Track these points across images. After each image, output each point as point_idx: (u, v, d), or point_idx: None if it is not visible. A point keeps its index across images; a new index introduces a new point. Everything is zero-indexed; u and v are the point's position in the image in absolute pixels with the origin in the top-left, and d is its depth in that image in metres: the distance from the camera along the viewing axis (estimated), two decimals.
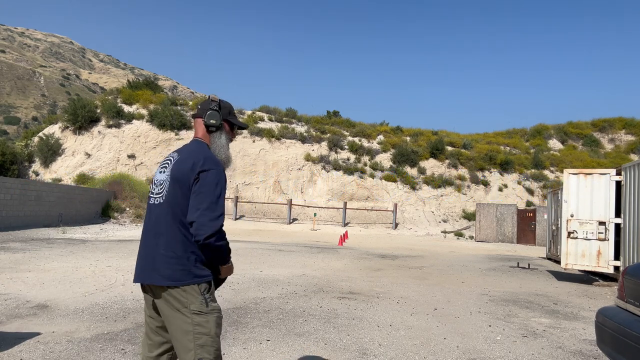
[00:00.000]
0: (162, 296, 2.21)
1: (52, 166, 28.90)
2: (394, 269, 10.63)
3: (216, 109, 2.44)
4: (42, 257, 9.57)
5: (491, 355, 4.43)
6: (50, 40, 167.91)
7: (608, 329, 3.35)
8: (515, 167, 32.19)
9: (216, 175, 2.22)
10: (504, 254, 16.47)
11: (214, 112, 2.43)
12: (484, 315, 6.17)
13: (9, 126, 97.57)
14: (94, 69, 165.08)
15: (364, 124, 36.75)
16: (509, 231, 24.20)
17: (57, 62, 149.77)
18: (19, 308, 5.40)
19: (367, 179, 30.14)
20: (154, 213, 2.30)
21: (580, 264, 9.67)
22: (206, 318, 2.18)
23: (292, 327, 5.09)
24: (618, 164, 25.27)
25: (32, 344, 4.14)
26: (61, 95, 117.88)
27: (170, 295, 2.19)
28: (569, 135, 39.82)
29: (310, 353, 4.25)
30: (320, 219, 27.30)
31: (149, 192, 2.41)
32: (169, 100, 34.25)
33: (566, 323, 5.96)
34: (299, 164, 30.45)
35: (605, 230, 9.45)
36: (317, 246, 15.82)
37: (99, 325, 4.84)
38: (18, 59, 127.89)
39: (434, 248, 17.66)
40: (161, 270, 2.19)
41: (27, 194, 17.53)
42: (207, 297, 2.21)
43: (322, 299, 6.70)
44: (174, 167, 2.29)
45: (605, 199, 9.50)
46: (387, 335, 4.96)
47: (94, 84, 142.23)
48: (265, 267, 9.74)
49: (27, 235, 14.33)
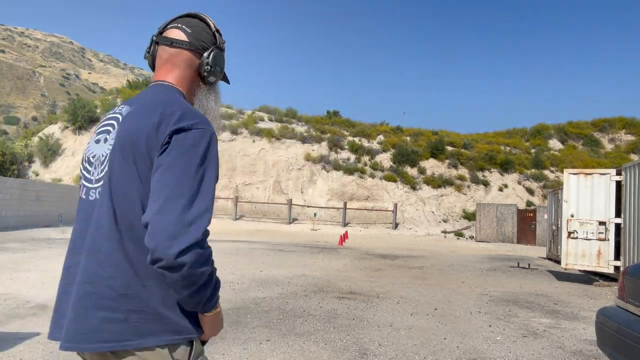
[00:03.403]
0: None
1: (52, 166, 28.91)
2: (394, 269, 10.63)
3: (222, 46, 1.48)
4: (42, 257, 9.56)
5: (491, 355, 4.43)
6: (50, 40, 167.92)
7: (608, 329, 3.35)
8: (516, 167, 32.19)
9: (202, 140, 1.22)
10: (504, 254, 16.47)
11: (220, 53, 1.46)
12: (484, 315, 6.17)
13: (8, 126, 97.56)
14: (94, 69, 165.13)
15: (364, 124, 36.76)
16: (509, 231, 24.19)
17: (57, 62, 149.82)
18: (19, 308, 5.40)
19: (367, 179, 30.13)
20: (88, 216, 1.29)
21: (581, 264, 9.67)
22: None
23: (292, 327, 5.09)
24: (618, 164, 25.25)
25: (32, 344, 4.14)
26: (61, 95, 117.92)
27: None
28: (569, 135, 39.81)
29: (310, 353, 4.24)
30: (320, 219, 27.30)
31: (80, 178, 1.36)
32: None
33: (566, 323, 5.95)
34: (299, 164, 30.45)
35: (606, 230, 9.45)
36: (317, 246, 15.82)
37: None
38: (18, 59, 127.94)
39: (434, 248, 17.66)
40: (100, 324, 1.18)
41: (27, 194, 17.53)
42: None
43: (322, 299, 6.70)
44: (121, 128, 1.28)
45: (606, 199, 9.50)
46: (387, 335, 4.96)
47: (94, 84, 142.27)
48: (265, 267, 9.74)
49: (27, 235, 14.33)
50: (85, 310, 1.19)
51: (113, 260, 1.21)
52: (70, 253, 1.31)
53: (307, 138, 32.32)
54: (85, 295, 1.20)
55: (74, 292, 1.23)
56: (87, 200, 1.31)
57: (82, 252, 1.25)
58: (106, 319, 1.18)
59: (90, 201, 1.29)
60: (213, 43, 1.45)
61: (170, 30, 1.42)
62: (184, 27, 1.41)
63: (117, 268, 1.20)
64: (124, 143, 1.24)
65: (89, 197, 1.30)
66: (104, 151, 1.29)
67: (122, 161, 1.24)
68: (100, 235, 1.23)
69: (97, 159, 1.31)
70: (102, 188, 1.26)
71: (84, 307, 1.20)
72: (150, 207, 1.14)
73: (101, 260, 1.21)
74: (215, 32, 1.46)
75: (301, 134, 32.39)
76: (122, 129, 1.27)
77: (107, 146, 1.29)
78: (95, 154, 1.32)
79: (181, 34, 1.41)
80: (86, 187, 1.32)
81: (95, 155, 1.32)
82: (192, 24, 1.43)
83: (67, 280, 1.28)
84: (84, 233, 1.27)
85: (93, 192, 1.29)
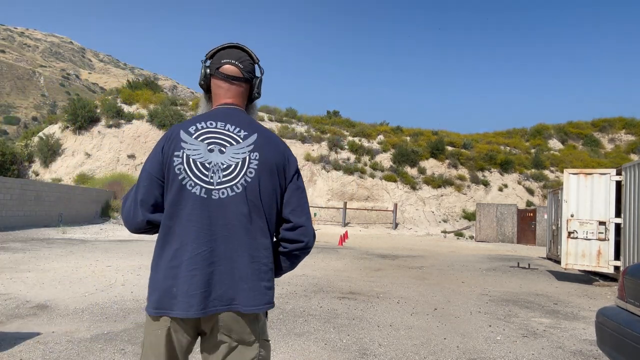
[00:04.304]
0: (226, 328, 1.61)
1: (52, 166, 28.91)
2: (394, 269, 10.63)
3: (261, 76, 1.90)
4: (42, 257, 9.57)
5: (491, 355, 4.43)
6: (50, 40, 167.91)
7: (608, 329, 3.35)
8: (515, 167, 32.20)
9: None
10: (504, 254, 16.47)
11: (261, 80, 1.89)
12: (484, 315, 6.17)
13: (9, 126, 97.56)
14: (94, 69, 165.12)
15: (364, 124, 36.78)
16: (509, 231, 24.19)
17: (57, 62, 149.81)
18: (19, 308, 5.40)
19: (367, 179, 30.13)
20: (219, 208, 1.63)
21: (581, 264, 9.67)
22: (268, 348, 1.70)
23: (292, 327, 5.09)
24: (618, 164, 25.26)
25: (32, 344, 4.14)
26: (61, 95, 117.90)
27: (242, 324, 1.61)
28: (569, 135, 39.83)
29: (310, 353, 4.24)
30: (320, 219, 27.30)
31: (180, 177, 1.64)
32: (168, 100, 34.27)
33: (566, 323, 5.95)
34: (299, 164, 30.44)
35: (606, 230, 9.45)
36: (317, 246, 15.82)
37: (99, 325, 4.83)
38: (18, 59, 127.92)
39: (434, 248, 17.66)
40: (253, 290, 1.61)
41: (27, 194, 17.53)
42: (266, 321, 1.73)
43: (322, 299, 6.70)
44: (261, 149, 1.70)
45: (606, 199, 9.50)
46: (387, 335, 4.96)
47: (94, 84, 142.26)
48: None
49: (27, 235, 14.33)
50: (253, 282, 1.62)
51: (264, 244, 1.66)
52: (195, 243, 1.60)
53: (307, 138, 32.33)
54: (254, 272, 1.63)
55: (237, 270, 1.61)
56: (208, 198, 1.63)
57: (225, 239, 1.62)
58: (253, 288, 1.61)
59: (214, 199, 1.63)
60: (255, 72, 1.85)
61: (226, 67, 1.79)
62: (237, 64, 1.79)
63: (267, 250, 1.67)
64: (267, 161, 1.69)
65: (212, 196, 1.63)
66: (225, 161, 1.67)
67: (266, 175, 1.68)
68: (254, 227, 1.64)
69: (215, 166, 1.66)
70: (235, 188, 1.64)
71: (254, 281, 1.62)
72: (300, 214, 1.72)
73: (259, 245, 1.65)
74: (257, 63, 1.85)
75: (301, 134, 32.40)
76: (263, 150, 1.70)
77: (230, 158, 1.68)
78: (213, 162, 1.67)
79: (237, 71, 1.79)
80: (206, 188, 1.64)
81: (213, 162, 1.67)
82: (241, 59, 1.80)
83: (196, 265, 1.58)
84: (221, 226, 1.62)
85: (216, 193, 1.64)
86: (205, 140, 1.69)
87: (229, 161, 1.67)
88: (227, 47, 1.80)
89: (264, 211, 1.66)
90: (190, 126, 1.72)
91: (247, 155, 1.68)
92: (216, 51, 1.81)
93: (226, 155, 1.67)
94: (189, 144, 1.67)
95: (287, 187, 1.73)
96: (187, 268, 1.57)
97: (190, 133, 1.69)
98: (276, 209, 1.71)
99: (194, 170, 1.65)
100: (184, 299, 1.56)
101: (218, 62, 1.78)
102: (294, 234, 1.71)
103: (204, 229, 1.61)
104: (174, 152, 1.66)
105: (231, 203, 1.63)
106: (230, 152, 1.68)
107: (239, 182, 1.65)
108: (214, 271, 1.59)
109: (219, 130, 1.71)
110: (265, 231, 1.67)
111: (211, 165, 1.66)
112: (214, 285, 1.58)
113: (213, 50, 1.81)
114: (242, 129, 1.73)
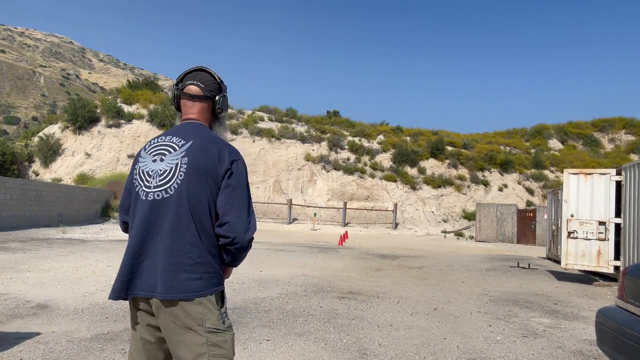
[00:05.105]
0: (168, 312, 1.83)
1: (52, 166, 28.91)
2: (394, 269, 10.63)
3: (225, 93, 2.14)
4: (42, 257, 9.57)
5: (491, 355, 4.43)
6: (50, 40, 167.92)
7: (608, 329, 3.35)
8: (515, 167, 32.20)
9: (244, 167, 1.98)
10: (504, 254, 16.47)
11: (225, 97, 2.12)
12: (484, 315, 6.17)
13: (9, 126, 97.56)
14: (94, 69, 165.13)
15: (364, 124, 36.78)
16: (509, 231, 24.19)
17: (57, 62, 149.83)
18: (19, 308, 5.40)
19: (367, 179, 30.13)
20: (153, 209, 1.89)
21: (580, 264, 9.67)
22: (224, 337, 1.86)
23: (292, 327, 5.09)
24: (618, 164, 25.26)
25: (32, 344, 4.14)
26: (61, 95, 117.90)
27: (180, 310, 1.82)
28: (569, 135, 39.83)
29: (310, 353, 4.25)
30: (320, 219, 27.30)
31: (134, 185, 1.98)
32: (169, 100, 34.23)
33: (566, 323, 5.96)
34: (299, 164, 30.45)
35: (606, 230, 9.45)
36: (317, 246, 15.82)
37: (99, 325, 4.84)
38: (18, 59, 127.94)
39: (434, 248, 17.66)
40: (169, 280, 1.81)
41: (27, 194, 17.53)
42: (222, 311, 1.90)
43: (322, 299, 6.70)
44: (191, 154, 1.91)
45: (606, 199, 9.50)
46: (387, 335, 4.96)
47: (94, 84, 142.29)
48: (265, 267, 9.74)
49: (27, 235, 14.33)
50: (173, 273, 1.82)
51: (190, 241, 1.85)
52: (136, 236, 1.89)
53: (307, 138, 32.32)
54: (173, 264, 1.83)
55: (160, 262, 1.83)
56: (146, 201, 1.91)
57: (155, 235, 1.87)
58: (180, 276, 1.82)
59: (149, 201, 1.90)
60: (219, 90, 2.09)
61: (189, 87, 2.04)
62: (199, 84, 2.04)
63: (194, 246, 1.85)
64: (196, 164, 1.89)
65: (148, 197, 1.90)
66: (162, 167, 1.92)
67: (195, 176, 1.88)
68: (181, 224, 1.85)
69: (154, 172, 1.93)
70: (169, 191, 1.88)
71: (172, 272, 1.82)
72: (231, 211, 1.88)
73: (175, 240, 1.84)
74: (220, 83, 2.08)
75: (301, 134, 32.39)
76: (192, 154, 1.91)
77: (166, 165, 1.92)
78: (154, 169, 1.93)
79: (198, 90, 2.04)
80: (146, 191, 1.92)
81: (154, 169, 1.93)
82: (203, 79, 2.05)
83: (130, 256, 1.88)
84: (152, 224, 1.87)
85: (151, 195, 1.90)
86: (152, 153, 1.99)
87: (165, 167, 1.93)
88: (192, 70, 2.07)
89: (192, 210, 1.86)
90: (148, 144, 2.05)
91: (179, 161, 1.92)
92: (184, 75, 2.07)
93: (164, 163, 1.94)
94: (142, 158, 2.01)
95: (221, 186, 1.91)
96: (124, 258, 1.90)
97: (145, 149, 2.03)
98: (209, 208, 1.89)
99: (142, 177, 1.96)
100: (115, 283, 1.90)
101: (184, 84, 2.05)
102: (221, 230, 1.88)
103: (142, 227, 1.89)
104: (134, 167, 2.02)
105: (164, 204, 1.88)
106: (168, 160, 1.94)
107: (171, 186, 1.89)
108: (143, 262, 1.87)
109: (165, 143, 1.99)
110: (193, 229, 1.86)
111: (153, 172, 1.94)
112: (138, 274, 1.86)
113: (181, 74, 2.08)
114: (183, 138, 1.97)
